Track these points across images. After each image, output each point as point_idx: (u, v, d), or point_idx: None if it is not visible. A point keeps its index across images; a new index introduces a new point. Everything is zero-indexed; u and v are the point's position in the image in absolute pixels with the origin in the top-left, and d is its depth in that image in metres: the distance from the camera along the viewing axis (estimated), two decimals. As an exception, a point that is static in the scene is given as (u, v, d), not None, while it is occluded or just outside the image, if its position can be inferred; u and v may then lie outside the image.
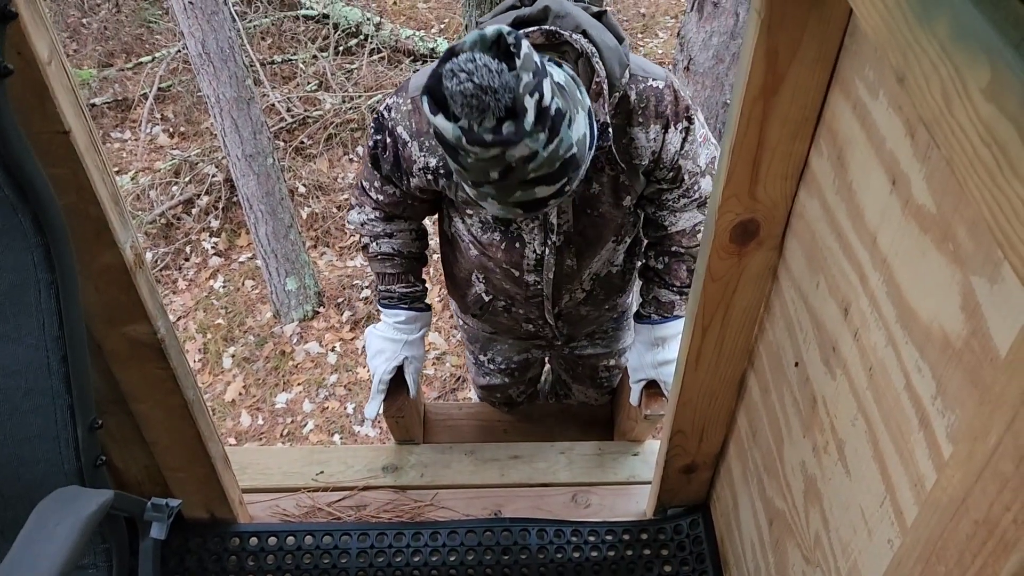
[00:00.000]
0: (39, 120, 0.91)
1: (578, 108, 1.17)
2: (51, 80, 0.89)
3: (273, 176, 4.77)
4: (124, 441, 1.35)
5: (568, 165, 1.16)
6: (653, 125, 1.35)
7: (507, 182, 1.13)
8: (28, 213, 0.71)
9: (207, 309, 5.49)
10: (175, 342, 1.22)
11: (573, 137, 1.14)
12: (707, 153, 1.42)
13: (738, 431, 1.33)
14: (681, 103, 1.36)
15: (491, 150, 1.06)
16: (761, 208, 1.06)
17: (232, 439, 4.85)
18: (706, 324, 1.20)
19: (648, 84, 1.33)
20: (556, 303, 1.64)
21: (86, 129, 0.96)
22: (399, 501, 1.60)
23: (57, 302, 0.76)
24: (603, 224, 1.49)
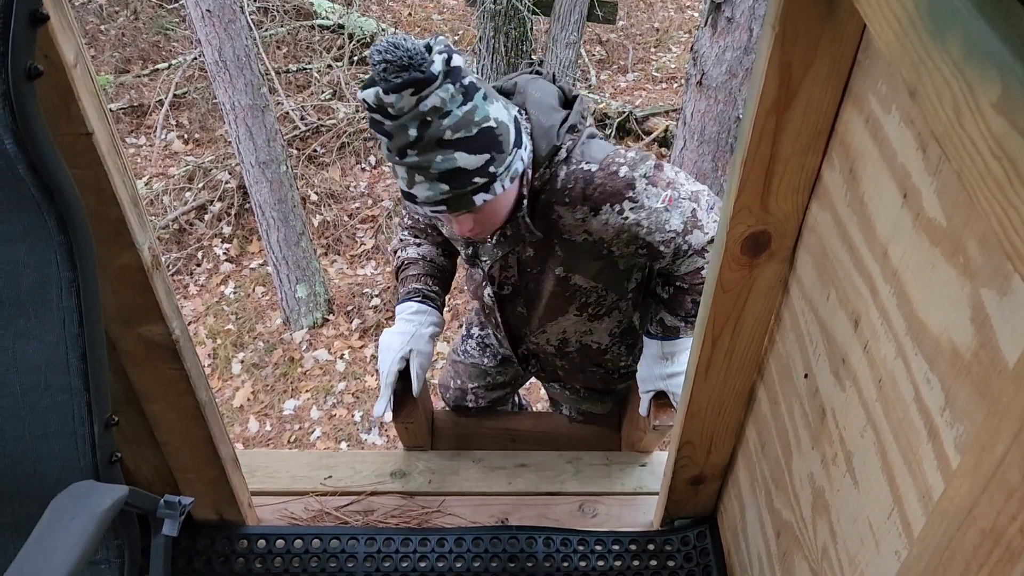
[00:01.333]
0: (63, 122, 0.92)
1: (496, 100, 1.26)
2: (76, 83, 0.90)
3: (286, 184, 4.80)
4: (136, 441, 1.36)
5: (488, 138, 1.23)
6: (580, 206, 1.40)
7: (425, 140, 1.20)
8: (53, 213, 0.73)
9: (217, 315, 5.52)
10: (189, 343, 1.23)
11: (491, 111, 1.23)
12: (680, 213, 1.40)
13: (747, 443, 1.34)
14: (616, 182, 1.37)
15: (403, 96, 1.15)
16: (773, 220, 1.06)
17: (240, 445, 4.87)
18: (716, 335, 1.21)
19: (579, 167, 1.38)
20: (516, 344, 1.78)
21: (108, 132, 0.98)
22: (407, 507, 1.61)
23: (78, 300, 0.78)
24: (548, 290, 1.58)
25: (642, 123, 6.44)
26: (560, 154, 1.39)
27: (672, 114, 6.43)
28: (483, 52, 5.34)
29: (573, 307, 1.63)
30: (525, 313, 1.69)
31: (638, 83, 7.38)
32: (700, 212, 1.40)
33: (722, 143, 4.23)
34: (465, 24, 7.85)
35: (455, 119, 1.20)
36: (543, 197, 1.42)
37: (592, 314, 1.65)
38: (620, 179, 1.38)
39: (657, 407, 1.59)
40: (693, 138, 4.27)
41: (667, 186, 1.40)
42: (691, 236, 1.40)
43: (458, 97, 1.20)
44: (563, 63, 5.14)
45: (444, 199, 1.28)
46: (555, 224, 1.44)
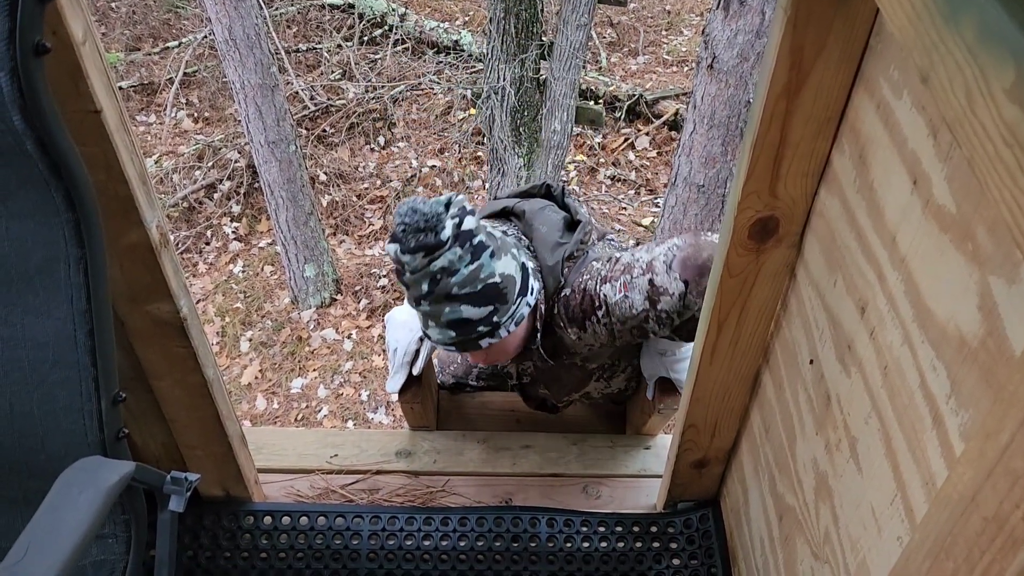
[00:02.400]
0: (71, 99, 0.92)
1: (506, 253, 1.38)
2: (84, 60, 0.90)
3: (295, 163, 4.80)
4: (144, 418, 1.37)
5: (492, 292, 1.35)
6: (570, 328, 1.50)
7: (435, 295, 1.33)
8: (61, 189, 0.73)
9: (226, 293, 5.54)
10: (197, 321, 1.24)
11: (496, 268, 1.35)
12: (639, 291, 1.40)
13: (751, 427, 1.34)
14: (585, 301, 1.45)
15: (416, 258, 1.28)
16: (781, 205, 1.06)
17: (247, 422, 4.91)
18: (722, 320, 1.21)
19: (563, 294, 1.49)
20: (543, 408, 1.90)
21: (117, 109, 0.98)
22: (412, 486, 1.62)
23: (86, 277, 0.78)
24: (568, 376, 1.67)
25: (652, 106, 6.41)
26: (563, 290, 1.50)
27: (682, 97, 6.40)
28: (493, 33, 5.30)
29: (593, 379, 1.73)
30: (548, 392, 1.80)
31: (648, 66, 7.33)
32: (658, 279, 1.39)
33: (732, 127, 4.21)
34: (476, 4, 7.80)
35: (462, 277, 1.32)
36: (550, 323, 1.53)
37: (609, 376, 1.75)
38: (588, 294, 1.45)
39: (662, 391, 1.60)
40: (703, 122, 4.24)
41: (622, 273, 1.43)
42: (660, 304, 1.39)
43: (466, 257, 1.31)
44: (573, 45, 5.11)
45: (452, 342, 1.40)
46: (560, 342, 1.56)
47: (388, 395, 4.97)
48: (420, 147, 6.37)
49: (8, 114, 0.68)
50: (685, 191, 4.47)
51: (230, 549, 1.47)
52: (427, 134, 6.51)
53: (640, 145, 6.37)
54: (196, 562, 1.46)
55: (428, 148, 6.39)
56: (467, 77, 6.43)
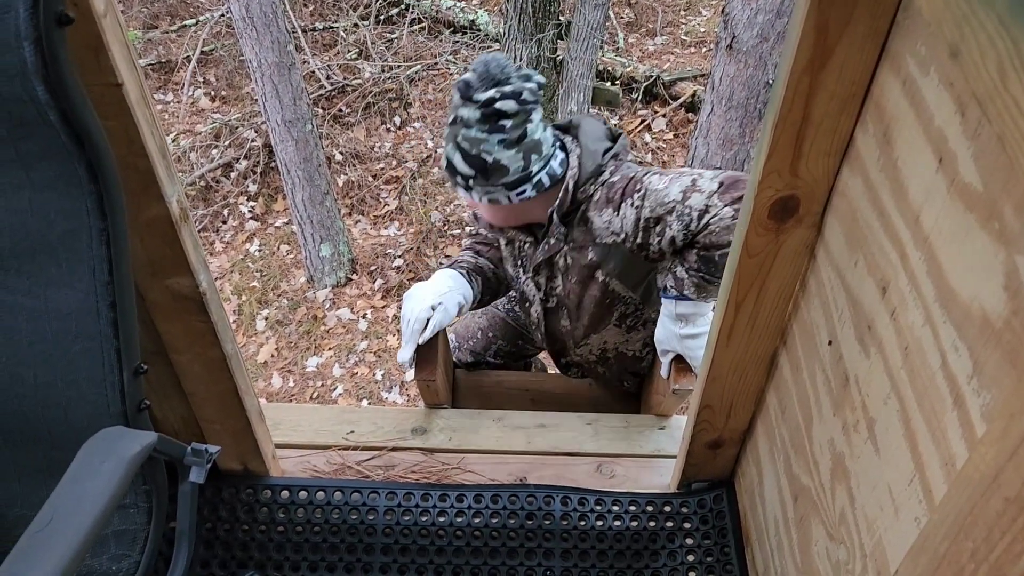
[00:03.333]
0: (93, 72, 0.93)
1: (547, 128, 1.61)
2: (106, 33, 0.90)
3: (311, 142, 4.80)
4: (163, 392, 1.39)
5: (479, 163, 1.56)
6: (605, 210, 1.62)
7: (483, 130, 1.53)
8: (83, 161, 0.73)
9: (243, 272, 5.57)
10: (216, 296, 1.24)
11: (538, 133, 1.57)
12: (679, 185, 1.53)
13: (767, 408, 1.33)
14: (629, 182, 1.61)
15: (456, 95, 1.54)
16: (802, 185, 1.05)
17: (263, 400, 4.94)
18: (740, 300, 1.20)
19: (606, 181, 1.64)
20: (560, 356, 1.99)
21: (138, 83, 0.98)
22: (427, 463, 1.63)
23: (107, 249, 0.79)
24: (591, 297, 1.74)
25: (670, 87, 6.35)
26: (604, 175, 1.64)
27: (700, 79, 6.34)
28: (511, 13, 5.27)
29: (614, 317, 1.78)
30: (569, 325, 1.85)
31: (667, 47, 7.26)
32: (700, 181, 1.51)
33: (751, 109, 4.17)
34: (493, -17, 7.73)
35: (511, 125, 1.55)
36: (584, 209, 1.66)
37: (630, 326, 1.80)
38: (632, 180, 1.60)
39: (677, 371, 1.59)
40: (721, 103, 4.21)
41: (674, 174, 1.56)
42: (690, 200, 1.50)
43: (481, 116, 1.54)
44: (591, 25, 5.07)
45: (484, 188, 1.62)
46: (590, 230, 1.66)
47: (402, 375, 5.00)
48: (436, 127, 6.36)
49: (31, 84, 0.68)
50: (702, 173, 4.43)
51: (248, 522, 1.49)
52: (443, 114, 6.49)
53: (657, 127, 6.33)
54: (215, 534, 1.48)
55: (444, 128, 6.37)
56: (484, 57, 6.39)
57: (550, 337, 1.95)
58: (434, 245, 5.77)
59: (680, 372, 1.59)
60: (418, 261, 5.62)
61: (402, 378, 5.02)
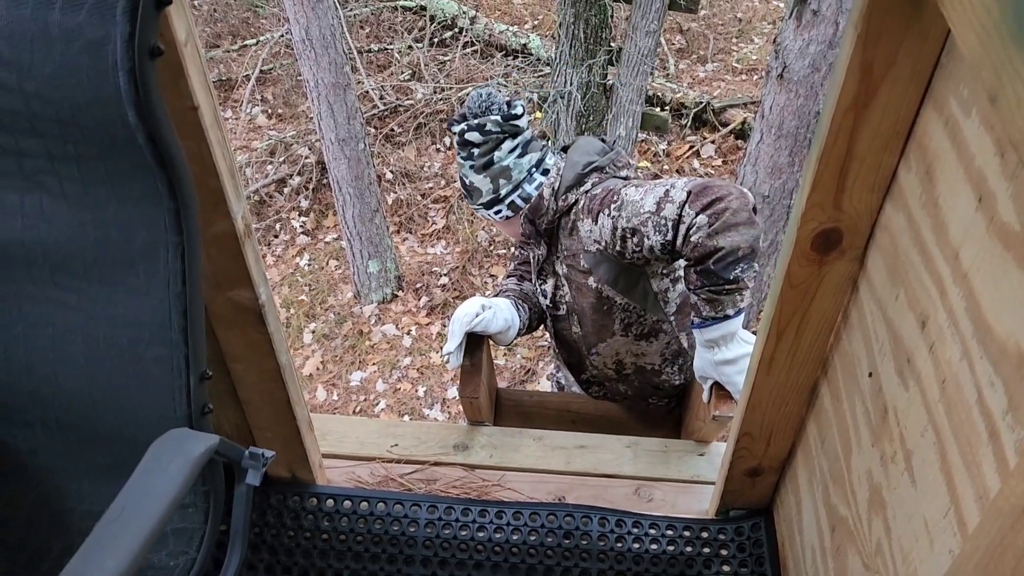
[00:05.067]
0: (173, 96, 0.99)
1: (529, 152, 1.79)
2: (186, 60, 0.97)
3: (363, 161, 4.91)
4: (220, 399, 1.45)
5: (464, 185, 1.83)
6: (586, 219, 1.76)
7: (463, 159, 1.80)
8: (165, 180, 0.79)
9: (292, 285, 5.69)
10: (273, 309, 1.30)
11: (469, 176, 1.80)
12: (653, 196, 1.61)
13: (807, 438, 1.34)
14: (607, 196, 1.71)
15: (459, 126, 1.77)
16: (845, 218, 1.07)
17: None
18: (781, 330, 1.22)
19: (591, 192, 1.76)
20: (579, 371, 2.05)
21: (212, 106, 1.04)
22: (468, 479, 1.66)
23: (182, 263, 0.84)
24: (589, 303, 1.84)
25: (719, 114, 6.36)
26: (586, 185, 1.78)
27: (751, 106, 6.33)
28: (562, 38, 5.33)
29: (616, 325, 1.86)
30: (580, 332, 1.92)
31: (717, 73, 7.27)
32: (672, 192, 1.58)
33: (800, 138, 4.16)
34: (546, 8, 7.84)
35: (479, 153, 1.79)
36: (572, 217, 1.80)
37: (637, 334, 1.88)
38: (611, 192, 1.71)
39: (718, 398, 1.61)
40: (771, 132, 4.21)
41: (648, 186, 1.65)
42: (664, 211, 1.57)
43: (489, 141, 1.78)
44: (642, 51, 5.11)
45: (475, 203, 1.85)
46: (579, 239, 1.79)
47: (444, 391, 5.05)
48: (485, 149, 6.43)
49: (124, 110, 0.74)
50: (750, 201, 4.42)
51: (294, 528, 1.54)
52: (493, 136, 6.56)
53: (705, 153, 6.33)
54: (261, 538, 1.53)
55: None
56: (534, 80, 6.47)
57: (564, 347, 2.03)
58: (479, 264, 5.83)
59: (720, 399, 1.61)
60: (463, 280, 5.69)
61: (444, 395, 5.07)
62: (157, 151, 0.77)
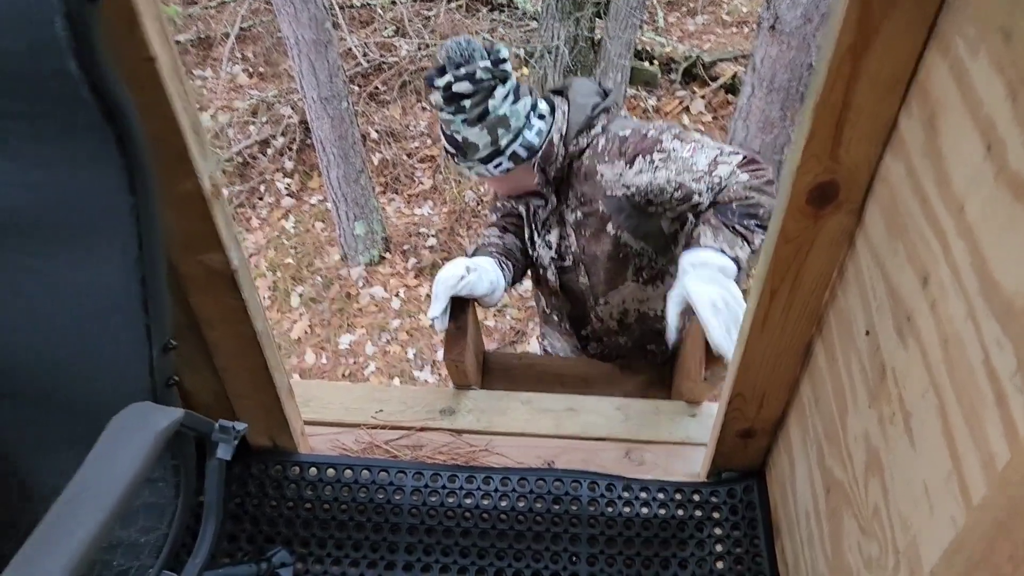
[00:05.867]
0: (126, 47, 0.93)
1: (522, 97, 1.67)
2: (139, 6, 0.90)
3: (347, 120, 4.81)
4: (195, 366, 1.40)
5: (454, 142, 1.68)
6: (616, 162, 1.69)
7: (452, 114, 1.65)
8: (113, 135, 0.73)
9: (278, 248, 5.62)
10: (247, 274, 1.25)
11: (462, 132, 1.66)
12: (704, 156, 1.63)
13: (800, 398, 1.31)
14: (647, 141, 1.66)
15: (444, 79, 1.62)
16: (842, 170, 1.02)
17: (296, 375, 5.01)
18: (775, 287, 1.18)
19: (615, 133, 1.71)
20: (580, 325, 2.01)
21: (171, 57, 0.98)
22: (455, 444, 1.63)
23: (137, 226, 0.79)
24: (604, 252, 1.80)
25: (709, 68, 6.26)
26: (596, 128, 1.72)
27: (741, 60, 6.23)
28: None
29: (629, 271, 1.83)
30: (588, 282, 1.89)
31: (707, 26, 7.15)
32: (722, 156, 1.62)
33: (792, 91, 4.09)
34: (532, -39, 7.65)
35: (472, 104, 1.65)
36: (586, 161, 1.73)
37: (646, 279, 1.87)
38: (649, 138, 1.67)
39: (709, 358, 1.57)
40: (762, 85, 4.13)
41: (692, 142, 1.65)
42: (717, 170, 1.62)
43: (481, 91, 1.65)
44: (631, 4, 5.00)
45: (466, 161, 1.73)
46: (598, 184, 1.72)
47: (434, 353, 5.02)
48: (472, 106, 6.33)
49: (65, 60, 0.68)
50: (740, 157, 4.36)
51: (276, 498, 1.50)
52: (479, 93, 6.46)
53: (695, 108, 6.24)
54: (243, 509, 1.49)
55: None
56: (520, 36, 6.35)
57: (569, 300, 1.98)
58: (467, 225, 5.76)
59: (712, 359, 1.57)
60: (451, 241, 5.63)
61: (434, 357, 5.04)
62: (104, 104, 0.71)
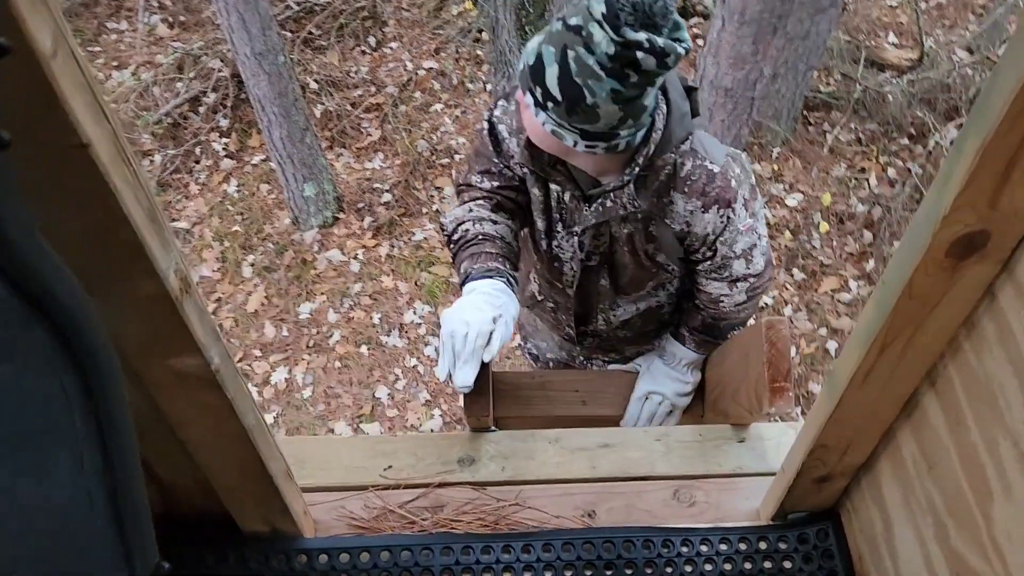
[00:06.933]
0: (49, 131, 0.65)
1: (620, 122, 1.32)
2: (58, 79, 0.63)
3: (285, 76, 4.42)
4: (171, 458, 1.15)
5: (574, 95, 1.27)
6: (694, 199, 1.50)
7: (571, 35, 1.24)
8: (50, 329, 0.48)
9: (222, 215, 5.24)
10: (231, 369, 0.99)
11: (598, 97, 1.26)
12: (746, 241, 1.56)
13: (898, 451, 1.12)
14: (729, 191, 1.49)
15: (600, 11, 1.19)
16: (997, 218, 0.80)
17: (257, 351, 4.73)
18: (887, 342, 0.97)
19: (703, 164, 1.48)
20: (585, 321, 1.89)
21: (111, 138, 0.70)
22: (480, 500, 1.42)
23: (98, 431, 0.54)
24: (635, 263, 1.66)
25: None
26: (686, 145, 1.47)
27: (703, -17, 5.92)
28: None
29: (651, 284, 1.74)
30: (607, 285, 1.75)
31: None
32: (755, 251, 1.58)
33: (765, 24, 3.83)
34: None
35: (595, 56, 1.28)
36: (662, 178, 1.49)
37: (661, 288, 1.79)
38: (732, 189, 1.49)
39: (774, 391, 1.37)
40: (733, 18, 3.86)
41: (751, 215, 1.54)
42: (738, 262, 1.58)
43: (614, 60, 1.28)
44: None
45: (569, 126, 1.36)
46: (664, 207, 1.52)
47: (400, 317, 4.78)
48: (415, 48, 5.94)
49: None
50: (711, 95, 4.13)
51: (282, 593, 1.28)
52: (420, 32, 6.06)
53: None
54: (245, 611, 1.27)
55: (423, 48, 5.96)
56: (463, -35, 5.93)
57: (581, 296, 1.81)
58: (423, 177, 5.45)
59: (776, 392, 1.37)
60: (407, 196, 5.32)
61: (400, 320, 4.81)
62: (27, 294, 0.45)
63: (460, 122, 5.69)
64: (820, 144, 5.44)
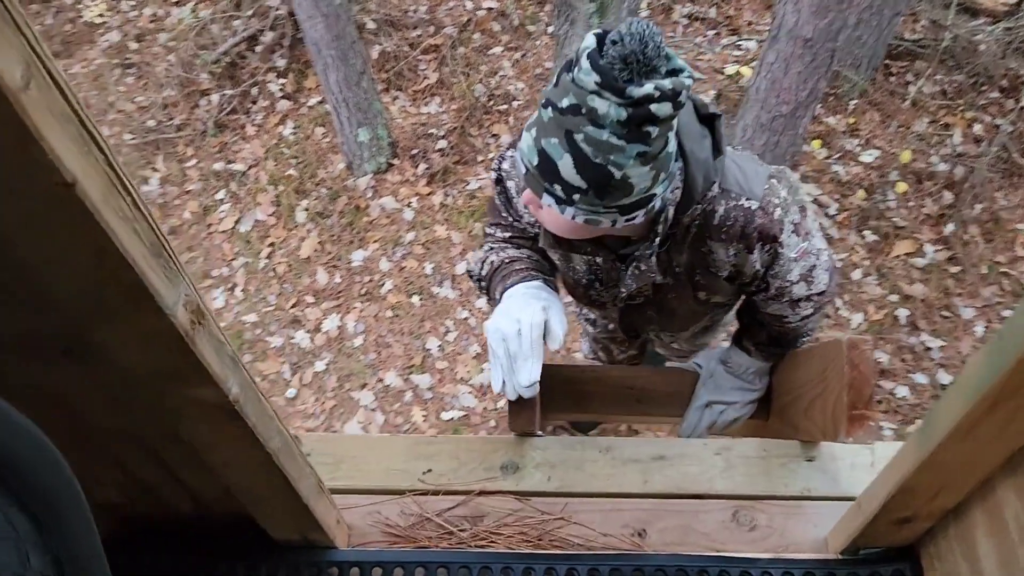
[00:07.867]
0: (27, 171, 0.56)
1: (654, 181, 1.17)
2: (31, 114, 0.52)
3: (343, 17, 4.28)
4: (196, 471, 1.08)
5: (601, 177, 1.12)
6: (734, 243, 1.35)
7: (571, 119, 1.10)
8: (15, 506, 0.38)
9: (277, 159, 5.19)
10: (253, 396, 0.91)
11: (627, 167, 1.12)
12: (802, 266, 1.42)
13: (999, 509, 0.99)
14: (773, 226, 1.33)
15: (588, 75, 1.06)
16: None
17: (310, 296, 4.72)
18: (999, 398, 0.83)
19: (739, 203, 1.32)
20: (635, 335, 1.81)
21: (100, 173, 0.60)
22: (522, 512, 1.33)
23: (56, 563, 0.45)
24: (685, 307, 1.58)
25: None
26: (713, 189, 1.30)
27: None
28: None
29: (707, 317, 1.70)
30: (656, 317, 1.66)
31: None
32: (816, 270, 1.44)
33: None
34: None
35: (606, 128, 1.13)
36: (694, 230, 1.36)
37: (713, 317, 1.75)
38: (776, 221, 1.34)
39: (853, 421, 1.24)
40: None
41: (804, 237, 1.39)
42: (798, 287, 1.44)
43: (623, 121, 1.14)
44: None
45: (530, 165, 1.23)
46: (704, 257, 1.40)
47: (453, 267, 4.71)
48: (475, -17, 5.72)
49: None
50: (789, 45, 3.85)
51: (313, 606, 1.22)
52: (482, -35, 5.83)
53: (731, -21, 5.61)
54: (275, 622, 1.22)
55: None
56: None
57: (626, 325, 1.75)
58: (479, 123, 5.30)
59: (855, 421, 1.24)
60: (463, 143, 5.18)
61: (452, 271, 4.74)
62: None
63: (519, 66, 5.49)
64: (901, 96, 5.10)
